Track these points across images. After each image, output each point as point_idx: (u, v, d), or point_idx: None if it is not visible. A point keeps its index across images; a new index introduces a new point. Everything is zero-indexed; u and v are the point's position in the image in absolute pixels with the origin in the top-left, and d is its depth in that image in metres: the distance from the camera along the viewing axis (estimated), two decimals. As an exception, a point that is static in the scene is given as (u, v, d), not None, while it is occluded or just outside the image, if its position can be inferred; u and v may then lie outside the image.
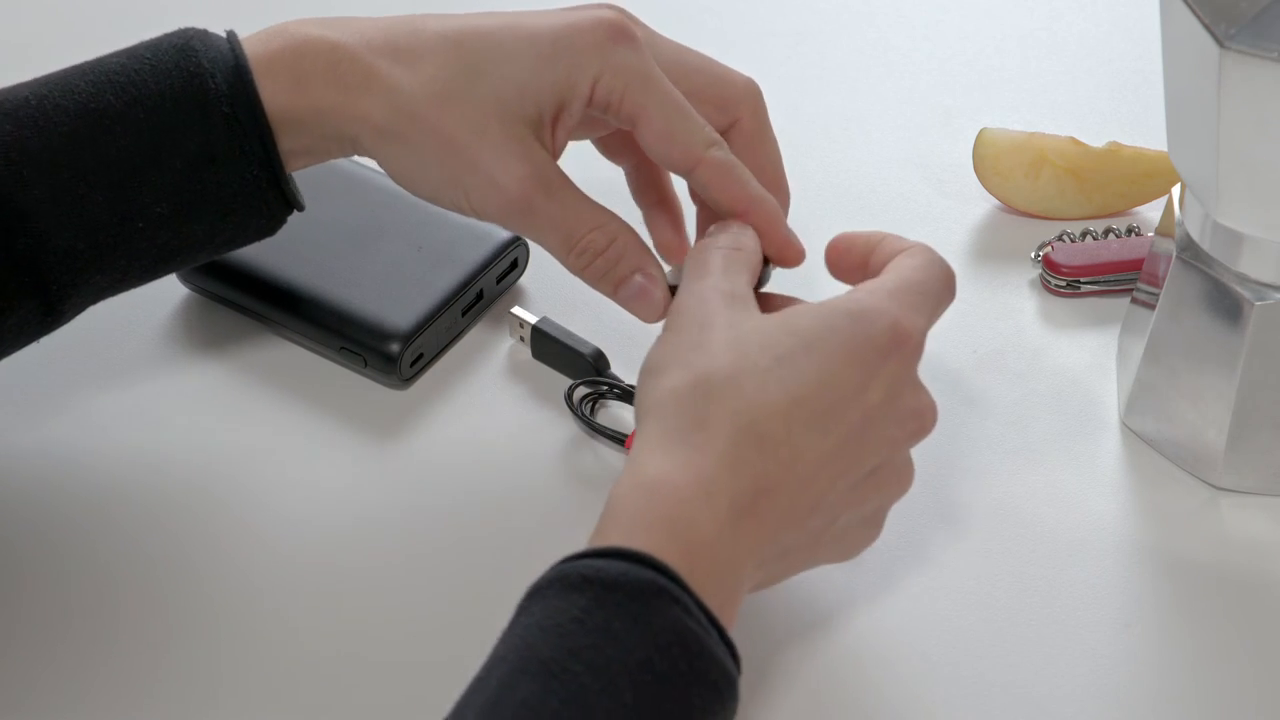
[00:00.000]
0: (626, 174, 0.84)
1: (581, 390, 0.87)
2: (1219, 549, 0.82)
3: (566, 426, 0.87)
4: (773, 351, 0.72)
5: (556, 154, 0.79)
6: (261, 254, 0.90)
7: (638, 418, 0.72)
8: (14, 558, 0.81)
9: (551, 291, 0.92)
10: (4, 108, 0.76)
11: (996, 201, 0.96)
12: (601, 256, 0.79)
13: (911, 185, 0.98)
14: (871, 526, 0.75)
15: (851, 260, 0.79)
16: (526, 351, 0.90)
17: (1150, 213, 0.96)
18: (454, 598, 0.80)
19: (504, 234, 0.91)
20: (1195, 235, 0.82)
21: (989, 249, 0.95)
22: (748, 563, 0.70)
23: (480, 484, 0.85)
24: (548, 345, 0.89)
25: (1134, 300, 0.88)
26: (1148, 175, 0.95)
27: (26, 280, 0.76)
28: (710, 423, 0.70)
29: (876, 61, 1.04)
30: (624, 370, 0.88)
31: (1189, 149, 0.79)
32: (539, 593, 0.68)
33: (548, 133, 0.78)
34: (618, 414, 0.87)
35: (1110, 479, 0.85)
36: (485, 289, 0.91)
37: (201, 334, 0.90)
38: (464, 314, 0.90)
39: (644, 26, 0.80)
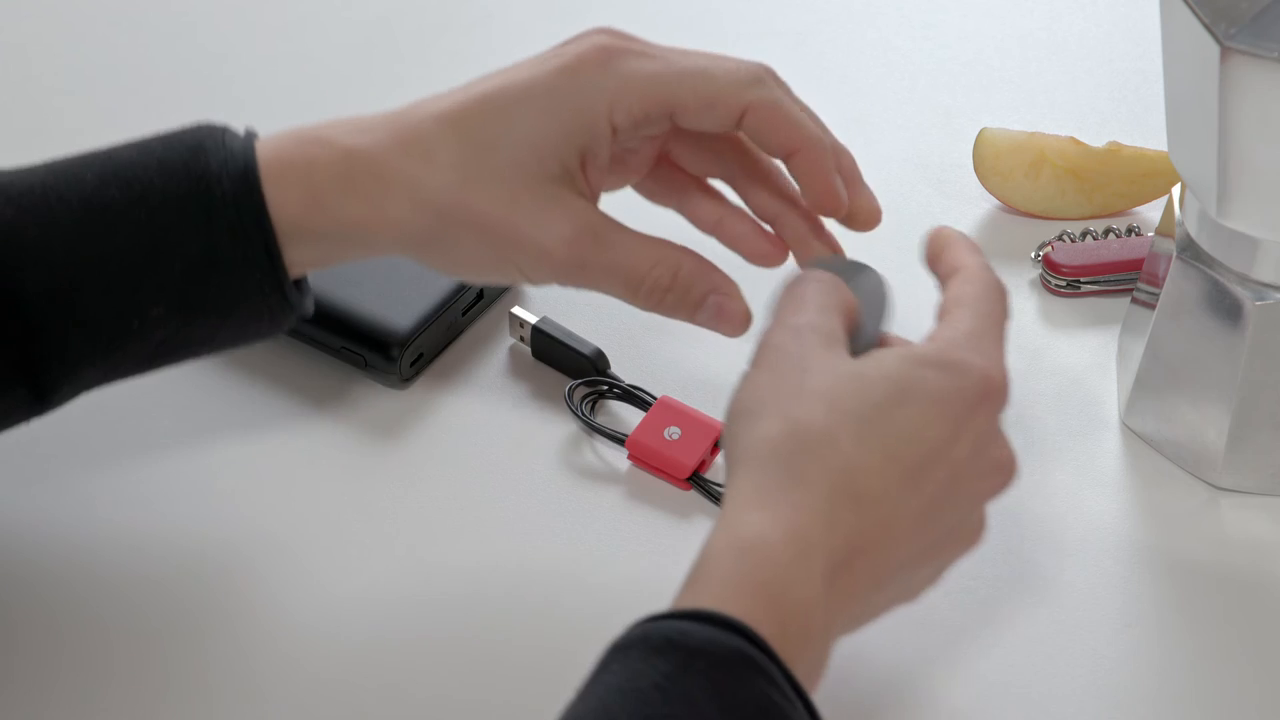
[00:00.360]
0: (682, 211, 0.82)
1: (581, 390, 0.87)
2: (1219, 549, 0.82)
3: (566, 426, 0.87)
4: (868, 401, 0.70)
5: (595, 197, 0.77)
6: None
7: (729, 462, 0.70)
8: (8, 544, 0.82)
9: (551, 291, 0.92)
10: (9, 191, 0.75)
11: (996, 201, 0.96)
12: (670, 291, 0.77)
13: (911, 185, 0.98)
14: (938, 575, 0.73)
15: (928, 252, 0.78)
16: (526, 351, 0.90)
17: (1150, 213, 0.96)
18: (454, 597, 0.80)
19: (504, 234, 0.91)
20: (1195, 235, 0.82)
21: (989, 249, 0.94)
22: (837, 623, 0.68)
23: (480, 483, 0.84)
24: (548, 345, 0.89)
25: (1134, 300, 0.88)
26: (1148, 175, 0.95)
27: (17, 367, 0.75)
28: (808, 479, 0.68)
29: (876, 61, 1.04)
30: (624, 370, 0.88)
31: (1189, 149, 0.79)
32: (621, 651, 0.65)
33: (581, 181, 0.76)
34: (618, 413, 0.87)
35: (1110, 479, 0.85)
36: (485, 289, 0.91)
37: (201, 334, 0.90)
38: (464, 314, 0.90)
39: (632, 37, 0.78)
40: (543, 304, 0.91)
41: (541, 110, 0.75)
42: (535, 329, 0.89)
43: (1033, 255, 0.93)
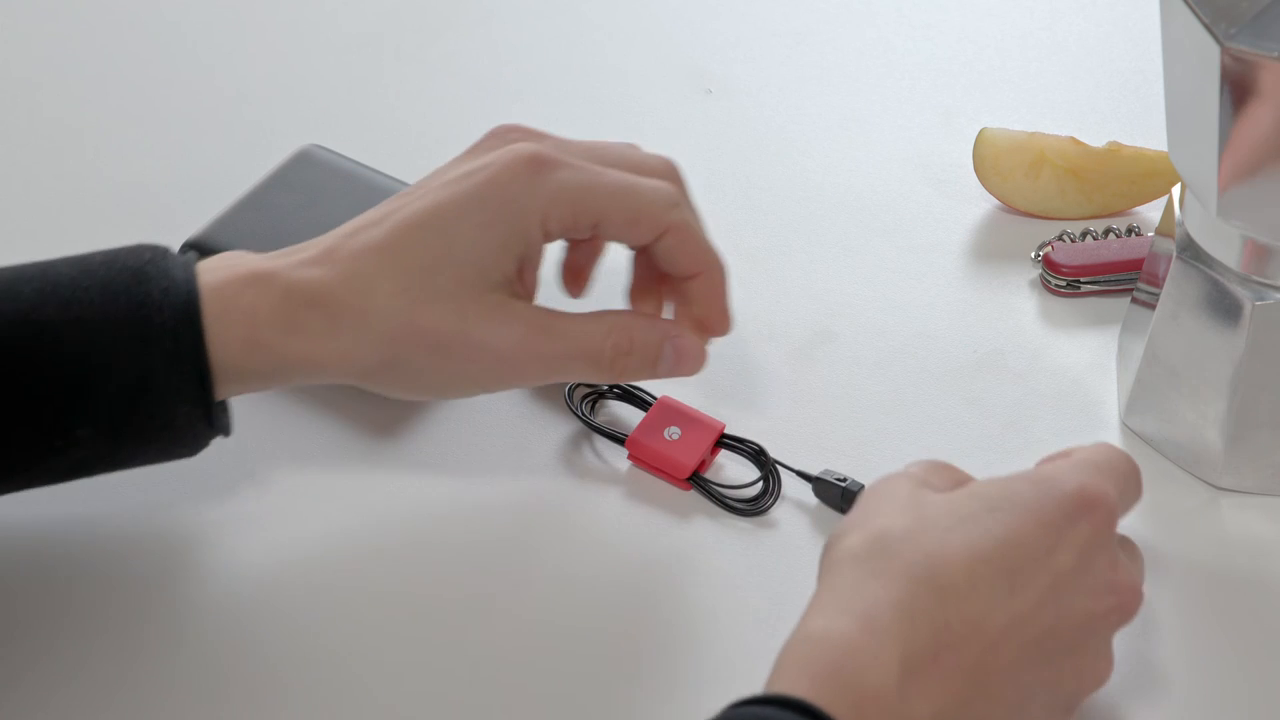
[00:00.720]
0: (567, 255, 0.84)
1: (581, 390, 0.87)
2: (1219, 549, 0.82)
3: (566, 426, 0.87)
4: (955, 513, 0.70)
5: (532, 296, 0.79)
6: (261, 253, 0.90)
7: (817, 582, 0.70)
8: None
9: (551, 290, 0.91)
10: None
11: (996, 201, 0.96)
12: (631, 354, 0.78)
13: (911, 185, 0.98)
14: (1064, 714, 0.71)
15: None
16: (526, 351, 0.90)
17: (1150, 213, 0.96)
18: (454, 596, 0.80)
19: (504, 234, 0.91)
20: (1195, 235, 0.82)
21: (989, 249, 0.95)
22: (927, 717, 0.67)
23: (480, 483, 0.84)
24: (548, 345, 0.89)
25: (1134, 300, 0.88)
26: (1148, 175, 0.95)
27: None
28: (886, 574, 0.68)
29: (876, 61, 1.04)
30: (624, 370, 0.88)
31: (1189, 149, 0.79)
32: None
33: (518, 285, 0.78)
34: (617, 413, 0.87)
35: (1110, 479, 0.85)
36: (485, 289, 0.91)
37: (201, 334, 0.90)
38: (464, 314, 0.90)
39: (550, 137, 0.79)
40: (542, 303, 0.91)
41: (478, 225, 0.76)
42: (535, 329, 0.89)
43: (1033, 255, 0.93)
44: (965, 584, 0.68)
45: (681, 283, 0.80)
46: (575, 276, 0.84)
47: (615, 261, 0.84)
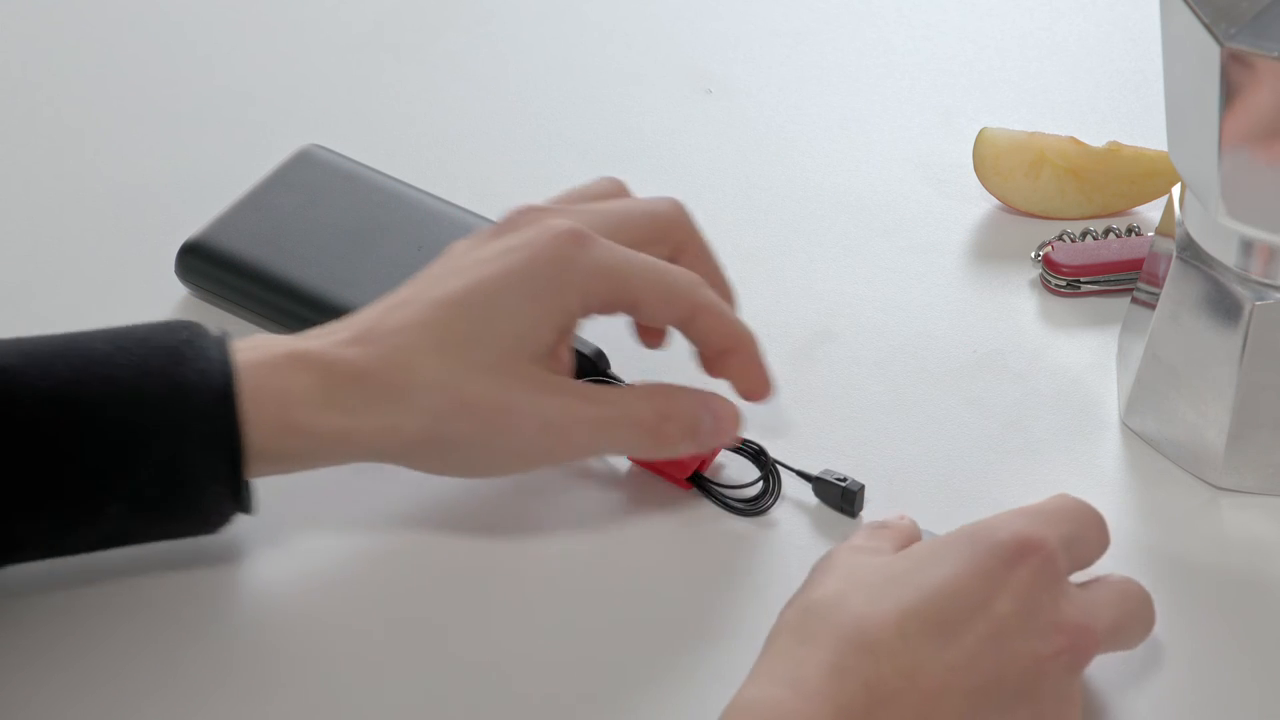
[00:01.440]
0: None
1: (581, 390, 0.87)
2: (1219, 549, 0.82)
3: (566, 426, 0.87)
4: (886, 573, 0.70)
5: (569, 372, 0.80)
6: (262, 253, 0.90)
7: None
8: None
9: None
10: None
11: (996, 201, 0.96)
12: (671, 421, 0.79)
13: (911, 185, 0.98)
14: None
15: None
16: (526, 351, 0.90)
17: (1150, 213, 0.96)
18: (454, 595, 0.80)
19: (504, 234, 0.91)
20: (1195, 235, 0.82)
21: (989, 249, 0.95)
22: None
23: (480, 482, 0.84)
24: (548, 345, 0.89)
25: (1134, 300, 0.88)
26: (1148, 175, 0.95)
27: None
28: (815, 638, 0.68)
29: (876, 61, 1.04)
30: (624, 369, 0.88)
31: (1189, 149, 0.79)
32: None
33: (555, 360, 0.79)
34: (618, 414, 0.87)
35: (1110, 479, 0.85)
36: (485, 289, 0.91)
37: (201, 334, 0.90)
38: (464, 314, 0.90)
39: (569, 209, 0.80)
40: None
41: (522, 299, 0.77)
42: (535, 329, 0.89)
43: (1033, 255, 0.93)
44: (896, 639, 0.68)
45: (718, 358, 0.81)
46: (649, 330, 0.84)
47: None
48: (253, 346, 0.77)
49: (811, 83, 1.03)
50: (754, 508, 0.83)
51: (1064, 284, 0.92)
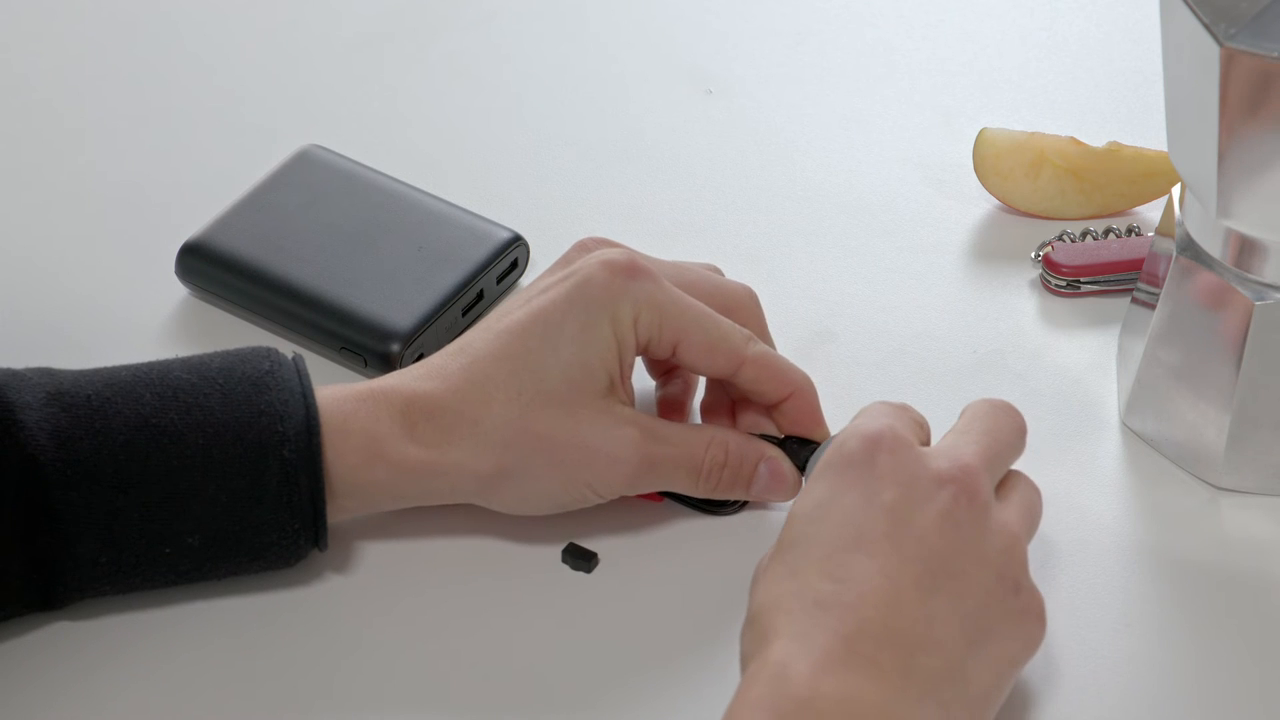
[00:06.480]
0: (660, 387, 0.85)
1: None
2: (1219, 549, 0.82)
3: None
4: (785, 539, 0.73)
5: (633, 403, 0.80)
6: (262, 253, 0.90)
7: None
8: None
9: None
10: (64, 400, 0.75)
11: (996, 201, 0.96)
12: (726, 466, 0.79)
13: (911, 185, 0.98)
14: (1024, 615, 0.72)
15: None
16: (526, 351, 0.90)
17: (1150, 213, 0.96)
18: (454, 594, 0.80)
19: (504, 234, 0.91)
20: (1195, 235, 0.82)
21: (989, 249, 0.95)
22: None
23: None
24: (548, 345, 0.89)
25: (1134, 300, 0.88)
26: (1148, 175, 0.95)
27: (36, 581, 0.75)
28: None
29: (876, 62, 1.04)
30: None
31: (1189, 149, 0.79)
32: None
33: (621, 390, 0.79)
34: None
35: (1110, 479, 0.85)
36: (485, 289, 0.91)
37: (201, 334, 0.90)
38: (464, 314, 0.90)
39: (642, 254, 0.80)
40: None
41: (579, 325, 0.77)
42: (535, 329, 0.89)
43: (1033, 255, 0.93)
44: (829, 583, 0.70)
45: (775, 405, 0.81)
46: (672, 407, 0.84)
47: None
48: (329, 385, 0.78)
49: (811, 83, 1.03)
50: (726, 506, 0.83)
51: (1064, 284, 0.92)
